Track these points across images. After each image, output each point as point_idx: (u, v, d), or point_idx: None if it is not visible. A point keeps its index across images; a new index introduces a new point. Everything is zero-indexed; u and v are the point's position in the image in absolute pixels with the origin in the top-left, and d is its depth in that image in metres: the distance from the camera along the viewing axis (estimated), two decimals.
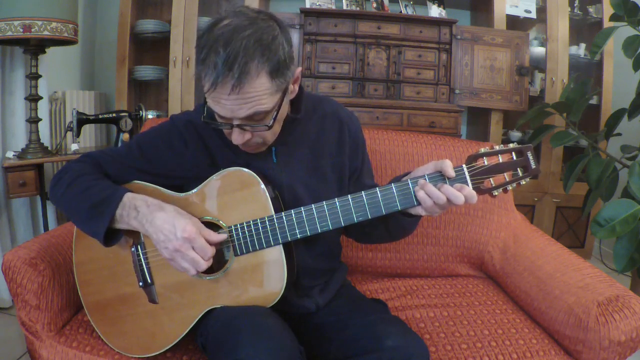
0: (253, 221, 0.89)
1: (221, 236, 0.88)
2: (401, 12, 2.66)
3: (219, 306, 0.91)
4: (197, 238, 0.83)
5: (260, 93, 0.78)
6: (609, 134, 2.08)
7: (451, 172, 0.82)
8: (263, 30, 0.79)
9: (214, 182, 0.92)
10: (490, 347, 1.05)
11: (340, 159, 1.02)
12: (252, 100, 0.78)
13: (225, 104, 0.79)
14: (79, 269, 1.01)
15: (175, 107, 2.53)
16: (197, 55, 0.80)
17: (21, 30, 1.66)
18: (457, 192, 0.80)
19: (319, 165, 0.99)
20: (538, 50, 2.73)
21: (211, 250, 0.85)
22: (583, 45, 2.75)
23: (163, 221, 0.85)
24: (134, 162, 0.97)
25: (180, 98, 2.52)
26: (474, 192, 0.81)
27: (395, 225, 0.94)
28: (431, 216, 0.86)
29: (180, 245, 0.83)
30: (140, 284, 0.95)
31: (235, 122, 0.82)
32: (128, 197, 0.89)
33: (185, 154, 0.96)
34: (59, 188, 0.94)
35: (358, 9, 2.66)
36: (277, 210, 0.89)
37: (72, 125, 1.99)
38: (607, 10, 2.56)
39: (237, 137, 0.84)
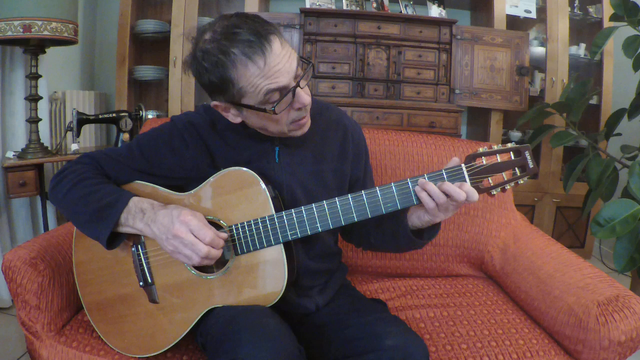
0: (254, 220, 0.89)
1: (222, 234, 0.88)
2: (401, 12, 2.66)
3: (219, 306, 0.91)
4: (185, 236, 0.84)
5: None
6: (609, 134, 2.08)
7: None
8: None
9: (215, 181, 0.92)
10: (490, 347, 1.05)
11: (342, 166, 1.02)
12: (290, 49, 0.83)
13: (281, 63, 0.80)
14: (79, 269, 1.02)
15: (175, 107, 2.53)
16: (216, 66, 0.80)
17: (21, 30, 1.66)
18: (458, 189, 0.81)
19: (321, 170, 0.99)
20: (538, 50, 2.73)
21: (203, 247, 0.84)
22: (583, 45, 2.75)
23: (163, 216, 0.86)
24: (135, 162, 0.97)
25: (180, 98, 2.53)
26: (474, 189, 0.81)
27: (407, 245, 0.95)
28: (434, 221, 0.87)
29: (173, 240, 0.85)
30: (141, 283, 0.95)
31: (293, 83, 0.82)
32: (134, 201, 0.90)
33: (186, 155, 0.96)
34: (60, 190, 0.94)
35: (358, 9, 2.66)
36: (278, 209, 0.89)
37: (72, 125, 1.99)
38: (607, 10, 2.56)
39: (306, 96, 0.85)
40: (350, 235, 1.11)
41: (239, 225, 0.90)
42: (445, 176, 0.83)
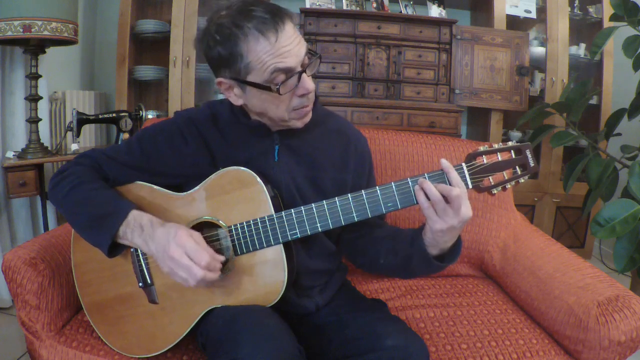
0: (253, 220, 0.88)
1: (219, 257, 0.86)
2: (401, 12, 2.66)
3: (219, 306, 0.91)
4: (180, 259, 0.82)
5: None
6: (609, 134, 2.08)
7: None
8: None
9: (214, 181, 0.92)
10: (490, 347, 1.05)
11: (343, 176, 1.01)
12: (300, 37, 0.85)
13: (291, 45, 0.82)
14: (78, 270, 1.01)
15: (175, 107, 2.53)
16: (228, 39, 0.82)
17: (21, 30, 1.66)
18: (449, 186, 0.81)
19: (317, 177, 0.98)
20: (538, 50, 2.73)
21: (198, 271, 0.82)
22: (583, 45, 2.75)
23: (160, 235, 0.85)
24: (134, 160, 0.97)
25: (180, 98, 2.52)
26: (460, 181, 0.81)
27: (422, 265, 0.91)
28: (434, 227, 0.84)
29: (169, 261, 0.84)
30: (140, 284, 0.95)
31: (300, 68, 0.84)
32: (134, 215, 0.89)
33: (185, 152, 0.95)
34: (59, 191, 0.94)
35: (358, 9, 2.66)
36: (277, 209, 0.89)
37: (72, 125, 1.99)
38: (607, 10, 2.56)
39: (311, 82, 0.86)
40: (355, 257, 1.07)
41: (238, 225, 0.89)
42: (445, 175, 0.83)
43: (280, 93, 0.83)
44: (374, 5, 2.66)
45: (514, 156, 0.85)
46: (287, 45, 0.81)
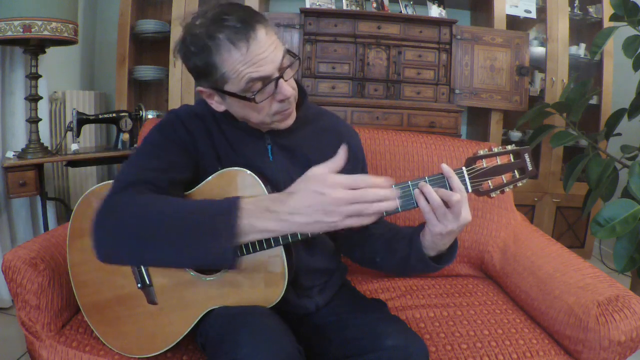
0: None
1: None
2: (401, 12, 2.66)
3: (218, 306, 0.91)
4: (346, 194, 0.73)
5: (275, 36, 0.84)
6: (609, 134, 2.08)
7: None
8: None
9: (213, 182, 0.91)
10: (490, 347, 1.05)
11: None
12: (277, 41, 0.83)
13: (266, 52, 0.80)
14: (75, 270, 1.01)
15: (175, 107, 2.52)
16: (202, 50, 0.81)
17: (21, 30, 1.66)
18: (450, 191, 0.80)
19: None
20: (538, 50, 2.73)
21: (376, 191, 0.74)
22: (583, 45, 2.75)
23: (299, 199, 0.74)
24: (168, 158, 0.89)
25: (180, 98, 2.53)
26: (462, 187, 0.81)
27: (419, 265, 0.91)
28: (434, 230, 0.84)
29: (333, 207, 0.73)
30: (139, 285, 0.95)
31: (277, 74, 0.82)
32: (248, 202, 0.76)
33: (197, 145, 0.93)
34: (123, 224, 0.79)
35: (358, 9, 2.67)
36: None
37: (72, 125, 1.99)
38: (607, 10, 2.56)
39: (289, 88, 0.84)
40: (352, 252, 1.07)
41: None
42: (446, 180, 0.83)
43: (257, 102, 0.83)
44: (374, 5, 2.66)
45: (512, 160, 0.85)
46: (261, 53, 0.80)
